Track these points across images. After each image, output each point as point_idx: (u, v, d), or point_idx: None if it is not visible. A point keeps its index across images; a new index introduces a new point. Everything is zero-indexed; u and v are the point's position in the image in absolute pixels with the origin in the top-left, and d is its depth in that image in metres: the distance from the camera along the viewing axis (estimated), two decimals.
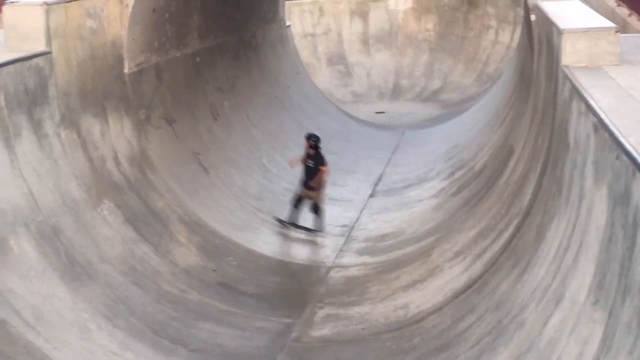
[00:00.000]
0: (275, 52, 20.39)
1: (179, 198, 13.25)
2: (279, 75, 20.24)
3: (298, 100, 20.52)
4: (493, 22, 28.14)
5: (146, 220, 12.14)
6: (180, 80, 15.10)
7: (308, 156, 14.37)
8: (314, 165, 14.28)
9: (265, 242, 13.73)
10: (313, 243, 14.14)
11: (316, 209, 14.33)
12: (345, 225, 14.87)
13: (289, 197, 14.97)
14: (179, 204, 13.14)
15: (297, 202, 14.35)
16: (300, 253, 13.75)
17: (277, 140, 17.72)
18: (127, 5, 12.81)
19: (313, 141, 14.41)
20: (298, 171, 14.72)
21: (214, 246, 12.89)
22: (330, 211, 15.10)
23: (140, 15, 13.20)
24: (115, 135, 12.56)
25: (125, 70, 13.07)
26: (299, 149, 15.20)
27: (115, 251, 11.09)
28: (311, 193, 14.29)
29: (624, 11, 16.21)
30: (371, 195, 16.54)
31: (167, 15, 14.19)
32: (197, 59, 15.86)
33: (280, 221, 14.34)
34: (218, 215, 13.77)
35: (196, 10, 15.51)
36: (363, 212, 15.61)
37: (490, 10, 28.33)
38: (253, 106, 17.85)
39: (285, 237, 14.18)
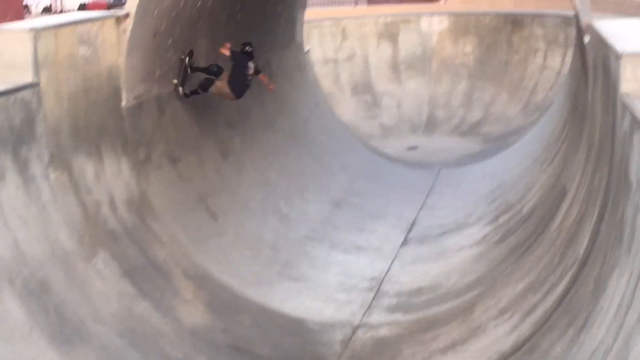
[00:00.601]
0: (292, 80, 20.50)
1: (183, 248, 13.28)
2: (297, 107, 20.34)
3: (318, 136, 20.59)
4: (541, 44, 28.22)
5: (146, 274, 12.17)
6: (184, 114, 15.20)
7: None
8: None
9: (282, 298, 13.71)
10: None
11: (204, 88, 15.04)
12: (374, 278, 14.84)
13: (308, 246, 14.96)
14: (184, 255, 13.16)
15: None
16: (322, 310, 13.71)
17: (295, 182, 17.76)
18: (124, 30, 12.95)
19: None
20: (319, 217, 14.72)
21: (224, 303, 12.88)
22: (357, 261, 15.08)
23: (140, 41, 13.33)
24: (112, 177, 12.63)
25: (123, 103, 13.17)
26: (319, 191, 15.22)
27: (112, 309, 11.10)
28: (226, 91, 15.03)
29: None
30: (403, 243, 16.52)
31: (170, 41, 14.32)
32: None
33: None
34: (228, 268, 13.78)
35: (203, 34, 15.64)
36: (394, 262, 15.57)
37: (538, 30, 28.42)
38: (267, 143, 17.93)
39: (306, 291, 14.16)
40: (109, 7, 36.58)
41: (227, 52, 15.06)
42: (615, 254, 7.96)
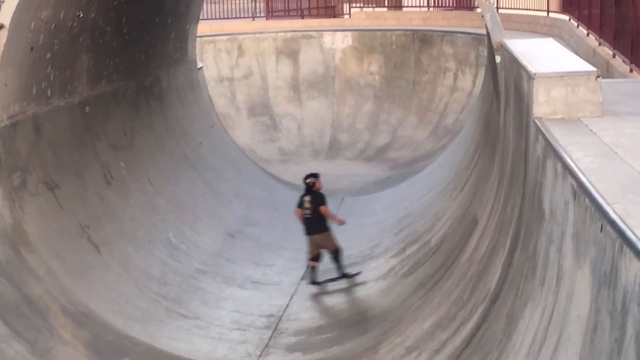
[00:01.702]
0: (183, 100, 20.44)
1: (62, 283, 13.09)
2: (189, 129, 20.27)
3: (212, 160, 20.55)
4: (451, 64, 28.66)
5: (20, 312, 11.96)
6: (65, 135, 15.03)
7: (304, 204, 16.38)
8: (312, 210, 16.22)
9: (172, 338, 13.61)
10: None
11: (336, 254, 16.06)
12: (271, 315, 14.83)
13: (200, 281, 14.88)
14: (63, 291, 12.97)
15: (313, 259, 16.10)
16: (215, 350, 13.65)
17: (185, 210, 17.68)
18: None
19: (307, 183, 16.59)
20: (212, 249, 14.67)
21: (107, 344, 12.72)
22: (253, 297, 15.04)
23: (15, 55, 13.16)
24: None
25: None
26: (212, 221, 15.11)
27: None
28: (320, 239, 16.10)
29: (606, 51, 16.66)
30: (303, 278, 16.54)
31: (48, 55, 14.17)
32: (86, 109, 15.82)
33: (316, 283, 15.88)
34: (112, 305, 13.62)
35: (85, 49, 15.51)
36: (293, 298, 15.59)
37: (448, 49, 28.87)
38: (156, 167, 17.82)
39: (198, 330, 14.08)
40: None
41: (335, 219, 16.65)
42: (528, 287, 8.09)
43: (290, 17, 36.74)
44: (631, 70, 14.17)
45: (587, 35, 19.62)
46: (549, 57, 10.21)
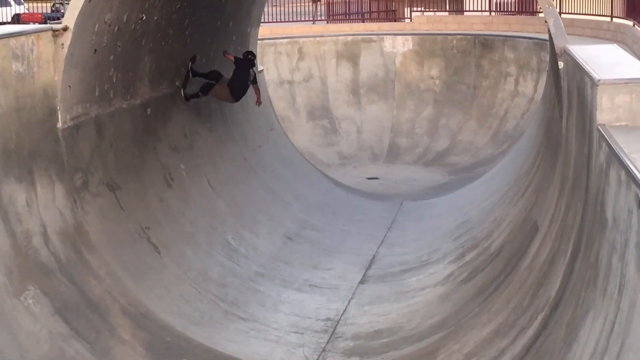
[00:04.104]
0: (244, 103, 20.51)
1: (122, 284, 13.20)
2: (249, 132, 20.35)
3: (271, 163, 20.61)
4: (512, 69, 28.51)
5: (80, 312, 12.07)
6: (126, 137, 15.16)
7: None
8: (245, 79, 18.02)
9: (230, 340, 13.66)
10: None
11: (205, 91, 17.63)
12: (329, 319, 14.82)
13: (258, 283, 14.93)
14: (122, 292, 13.08)
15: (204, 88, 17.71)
16: (272, 354, 13.67)
17: (244, 213, 17.74)
18: (62, 44, 12.91)
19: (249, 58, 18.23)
20: (271, 252, 14.67)
21: (165, 345, 12.80)
22: (311, 301, 15.05)
23: (79, 57, 13.30)
24: (44, 206, 12.55)
25: (59, 125, 13.11)
26: (271, 224, 15.14)
27: (41, 350, 10.99)
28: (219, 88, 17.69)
29: None
30: (361, 282, 16.53)
31: (111, 58, 14.30)
32: (148, 110, 15.96)
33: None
34: (171, 306, 13.71)
35: (147, 51, 15.65)
36: (351, 302, 15.58)
37: (509, 54, 28.72)
38: (216, 170, 17.91)
39: (255, 333, 14.12)
40: (46, 20, 36.44)
41: (231, 57, 18.03)
42: (589, 296, 8.02)
43: (351, 20, 36.79)
44: None
45: None
46: (613, 63, 10.11)
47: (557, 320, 9.16)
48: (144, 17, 15.01)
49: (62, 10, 40.88)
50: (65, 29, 12.90)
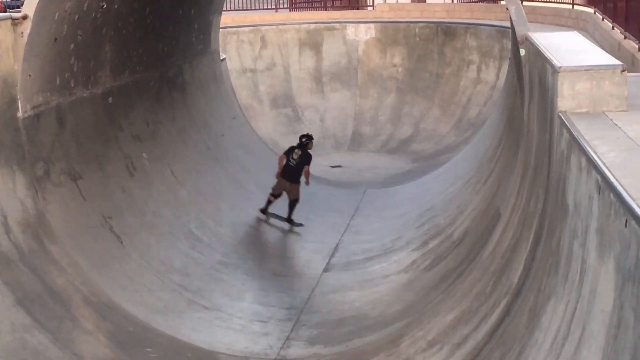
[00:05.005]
0: (206, 91, 20.46)
1: (84, 274, 13.14)
2: (212, 121, 20.31)
3: (234, 152, 20.57)
4: (475, 57, 28.59)
5: (43, 302, 12.01)
6: (88, 126, 15.08)
7: (293, 155, 18.93)
8: (297, 163, 18.83)
9: (193, 329, 13.64)
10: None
11: (294, 203, 18.57)
12: (293, 307, 14.83)
13: (222, 272, 14.91)
14: (85, 282, 13.03)
15: (274, 195, 18.62)
16: (236, 342, 13.67)
17: (208, 202, 17.71)
18: (21, 33, 12.81)
19: (302, 141, 19.28)
20: (235, 241, 14.67)
21: (129, 334, 12.76)
22: (274, 289, 15.06)
23: (39, 46, 13.20)
24: (5, 195, 12.47)
25: (19, 114, 13.01)
26: (234, 212, 15.11)
27: (3, 341, 10.93)
28: (289, 186, 18.63)
29: (632, 45, 16.58)
30: (325, 270, 16.55)
31: (72, 46, 14.21)
32: (110, 99, 15.87)
33: (264, 212, 18.47)
34: (134, 296, 13.67)
35: (109, 40, 15.55)
36: (315, 290, 15.60)
37: (472, 42, 28.79)
38: (179, 159, 17.86)
39: (219, 322, 14.11)
40: (5, 8, 36.09)
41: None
42: (551, 283, 8.07)
43: (314, 8, 36.77)
44: None
45: (612, 28, 19.53)
46: (574, 50, 10.16)
47: (520, 307, 9.21)
48: (105, 6, 14.91)
49: None
50: (24, 17, 12.79)
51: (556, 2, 28.97)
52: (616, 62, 9.15)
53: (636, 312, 5.45)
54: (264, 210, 18.54)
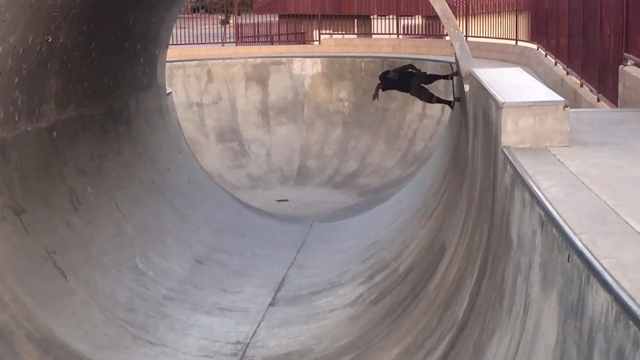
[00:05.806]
0: (152, 126, 20.40)
1: (27, 309, 12.99)
2: (157, 155, 20.23)
3: (180, 186, 20.50)
4: None
5: None
6: (32, 160, 14.95)
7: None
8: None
9: None
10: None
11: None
12: (238, 342, 14.77)
13: (167, 307, 14.81)
14: (28, 317, 12.88)
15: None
16: None
17: (153, 236, 17.60)
18: None
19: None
20: (180, 276, 14.58)
21: None
22: (221, 324, 14.98)
23: None
24: None
25: None
26: (180, 247, 15.02)
27: None
28: None
29: (574, 80, 16.81)
30: (271, 304, 16.51)
31: (16, 80, 14.11)
32: (54, 133, 15.76)
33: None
34: (78, 331, 13.53)
35: (54, 74, 15.47)
36: (261, 325, 15.54)
37: None
38: (124, 193, 17.75)
39: (164, 357, 14.01)
40: None
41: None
42: (495, 317, 8.12)
43: (260, 42, 36.86)
44: (598, 100, 14.30)
45: (555, 64, 19.80)
46: (518, 86, 10.29)
47: (465, 341, 9.25)
48: (50, 39, 14.84)
49: None
50: None
51: (500, 38, 29.31)
52: (559, 98, 9.28)
53: (579, 346, 5.49)
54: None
